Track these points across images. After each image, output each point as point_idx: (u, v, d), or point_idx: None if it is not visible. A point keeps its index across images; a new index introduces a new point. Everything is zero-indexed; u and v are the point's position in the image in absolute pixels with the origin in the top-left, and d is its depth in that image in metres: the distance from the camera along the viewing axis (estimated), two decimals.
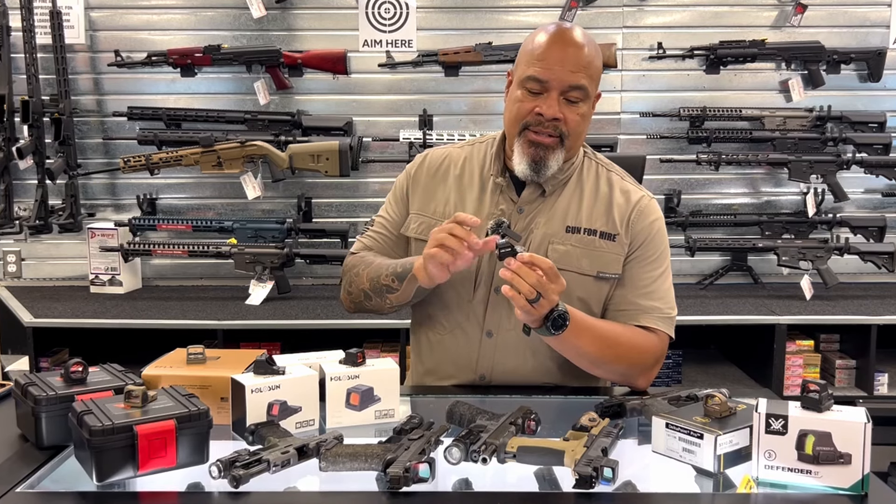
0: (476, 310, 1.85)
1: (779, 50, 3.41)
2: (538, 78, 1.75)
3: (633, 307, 1.83)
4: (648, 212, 1.87)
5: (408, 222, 1.93)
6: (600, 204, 1.86)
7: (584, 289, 1.82)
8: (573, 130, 1.77)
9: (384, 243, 1.96)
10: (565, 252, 1.81)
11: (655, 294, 1.84)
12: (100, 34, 3.46)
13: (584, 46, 1.76)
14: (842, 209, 3.49)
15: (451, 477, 1.36)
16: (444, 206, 1.90)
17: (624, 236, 1.84)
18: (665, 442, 1.41)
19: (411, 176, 1.97)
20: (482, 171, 1.91)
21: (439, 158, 1.96)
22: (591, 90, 1.78)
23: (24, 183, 3.46)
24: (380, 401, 1.60)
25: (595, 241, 1.83)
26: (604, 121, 3.50)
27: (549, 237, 1.83)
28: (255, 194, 3.37)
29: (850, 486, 1.29)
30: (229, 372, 1.55)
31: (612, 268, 1.83)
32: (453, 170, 1.93)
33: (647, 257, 1.85)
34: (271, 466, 1.30)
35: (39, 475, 1.39)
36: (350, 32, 3.42)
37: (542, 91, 1.75)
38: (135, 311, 3.09)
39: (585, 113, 1.78)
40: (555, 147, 1.78)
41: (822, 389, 1.31)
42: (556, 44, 1.75)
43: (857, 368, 3.16)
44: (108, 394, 1.47)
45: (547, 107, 1.74)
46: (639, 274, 1.84)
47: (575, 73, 1.74)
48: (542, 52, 1.75)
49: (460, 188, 1.91)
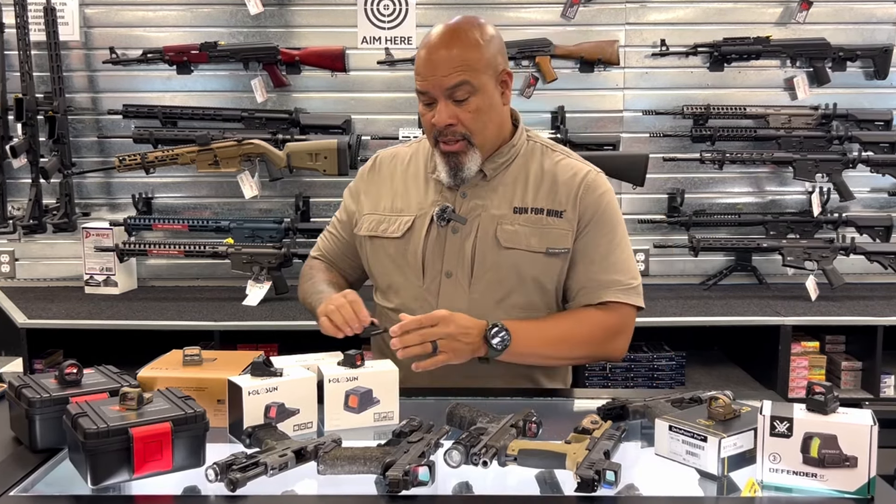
0: (428, 295, 1.89)
1: (784, 47, 3.39)
2: (421, 91, 1.82)
3: (594, 283, 1.88)
4: (595, 186, 1.90)
5: (360, 223, 2.01)
6: (546, 183, 1.90)
7: (536, 267, 1.86)
8: (473, 127, 1.81)
9: (336, 245, 2.10)
10: (514, 232, 1.86)
11: (614, 267, 1.88)
12: (94, 31, 3.45)
13: (456, 43, 1.80)
14: (847, 208, 3.47)
15: (452, 480, 1.36)
16: (392, 202, 1.97)
17: (571, 212, 1.88)
18: (668, 445, 1.40)
19: (364, 178, 2.07)
20: (425, 165, 1.98)
21: (389, 158, 2.06)
22: (480, 80, 1.80)
23: (17, 182, 3.45)
24: (379, 403, 1.60)
25: (542, 219, 1.87)
26: (606, 119, 3.49)
27: (497, 219, 1.87)
28: (253, 193, 3.35)
29: (856, 489, 1.28)
30: (226, 374, 1.56)
31: (561, 243, 1.87)
32: (400, 167, 2.02)
33: (600, 231, 1.89)
34: (269, 470, 1.29)
35: (33, 478, 1.38)
36: (349, 29, 3.40)
37: (431, 101, 1.82)
38: (130, 312, 3.07)
39: (481, 106, 1.81)
40: (465, 150, 1.83)
41: (827, 391, 1.31)
42: (427, 53, 1.81)
43: (864, 370, 3.14)
44: (102, 396, 1.47)
45: (437, 116, 1.80)
46: (594, 249, 1.88)
47: (448, 76, 1.77)
48: (418, 64, 1.82)
49: (406, 183, 1.98)
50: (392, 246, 1.93)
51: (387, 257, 1.94)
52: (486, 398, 1.79)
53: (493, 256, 1.86)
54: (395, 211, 1.95)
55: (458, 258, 1.88)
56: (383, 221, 1.95)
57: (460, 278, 1.87)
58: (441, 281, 1.88)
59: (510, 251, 1.86)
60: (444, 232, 1.89)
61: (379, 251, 1.96)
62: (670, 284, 3.50)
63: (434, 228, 1.89)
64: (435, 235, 1.89)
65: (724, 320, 3.04)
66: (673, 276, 3.56)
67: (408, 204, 1.95)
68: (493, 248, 1.86)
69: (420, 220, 1.91)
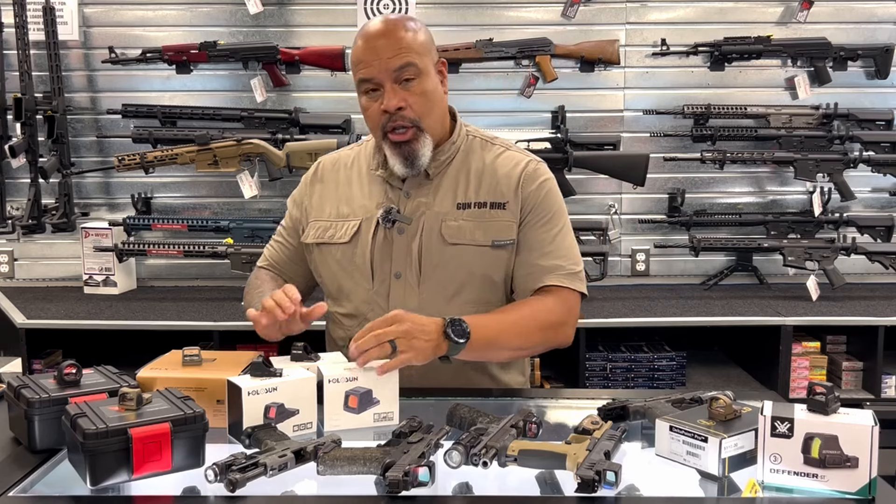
0: (378, 298, 1.89)
1: (784, 46, 3.38)
2: (366, 78, 1.81)
3: (536, 269, 1.87)
4: (536, 175, 1.91)
5: (307, 231, 1.99)
6: (487, 176, 1.90)
7: (483, 261, 1.87)
8: (421, 110, 1.82)
9: (283, 253, 2.07)
10: (458, 227, 1.86)
11: (556, 253, 1.88)
12: (94, 30, 3.44)
13: (395, 30, 1.81)
14: (848, 208, 3.46)
15: (452, 481, 1.35)
16: (337, 207, 1.96)
17: (514, 202, 1.88)
18: (669, 445, 1.40)
19: (307, 185, 2.04)
20: (365, 165, 1.98)
21: (331, 164, 2.04)
22: (424, 63, 1.81)
23: (16, 182, 3.44)
24: (378, 403, 1.60)
25: (486, 212, 1.88)
26: (606, 118, 3.49)
27: (441, 216, 1.87)
28: (252, 193, 3.34)
29: (857, 490, 1.27)
30: (225, 374, 1.55)
31: (506, 234, 1.87)
32: (344, 171, 2.00)
33: (541, 218, 1.89)
34: (268, 470, 1.29)
35: (32, 479, 1.38)
36: (348, 28, 3.37)
37: (377, 88, 1.81)
38: (129, 312, 3.06)
39: (427, 89, 1.82)
40: (417, 137, 1.83)
41: (828, 392, 1.30)
42: (367, 41, 1.81)
43: (865, 370, 3.13)
44: (102, 396, 1.46)
45: (387, 100, 1.79)
46: (536, 236, 1.89)
47: (395, 57, 1.78)
48: (359, 54, 1.82)
49: (350, 186, 1.98)
50: (339, 251, 1.92)
51: (335, 263, 1.93)
52: (486, 398, 1.79)
53: (439, 254, 1.86)
54: (340, 216, 1.94)
55: (406, 258, 1.87)
56: (330, 228, 1.94)
57: (409, 278, 1.87)
58: (391, 283, 1.87)
59: (456, 247, 1.85)
60: (391, 233, 1.88)
61: (327, 257, 1.95)
62: (671, 284, 3.49)
63: (380, 230, 1.88)
64: (382, 237, 1.88)
65: (725, 320, 3.03)
66: (673, 277, 3.56)
67: (352, 208, 1.93)
68: (438, 245, 1.86)
69: (366, 223, 1.90)
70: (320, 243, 1.95)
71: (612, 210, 3.47)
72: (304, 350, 1.67)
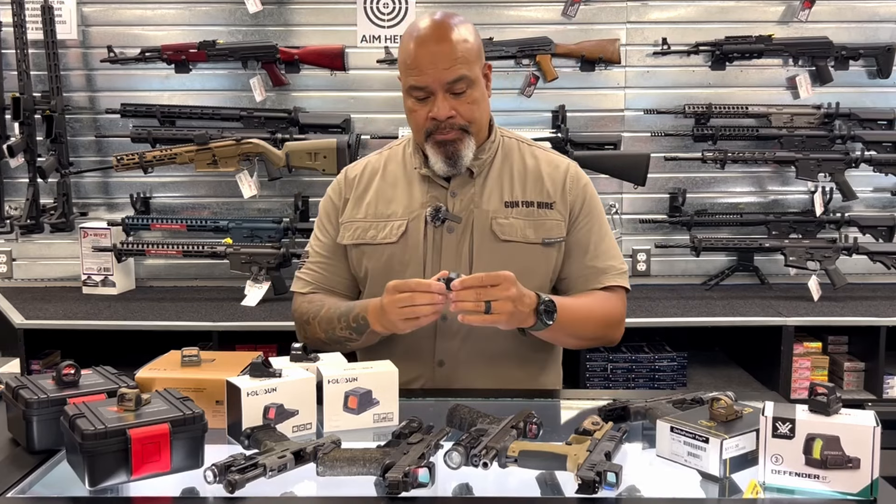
0: None
1: (786, 46, 3.37)
2: (417, 86, 1.81)
3: (591, 271, 1.93)
4: (579, 177, 1.97)
5: (341, 233, 1.98)
6: (531, 177, 1.94)
7: (532, 258, 1.89)
8: (471, 118, 1.84)
9: (326, 271, 2.01)
10: (509, 225, 1.89)
11: (607, 253, 1.95)
12: (92, 30, 3.43)
13: (450, 38, 1.80)
14: (850, 208, 3.45)
15: (452, 482, 1.36)
16: (375, 208, 1.95)
17: (560, 203, 1.93)
18: (670, 446, 1.40)
19: (338, 192, 2.02)
20: (405, 167, 1.97)
21: (359, 170, 2.03)
22: (474, 73, 1.83)
23: (14, 181, 3.43)
24: (378, 404, 1.60)
25: (535, 211, 1.91)
26: (607, 118, 3.48)
27: (490, 214, 1.89)
28: (251, 193, 3.33)
29: (858, 491, 1.28)
30: (225, 375, 1.55)
31: (555, 233, 1.91)
32: (377, 175, 1.99)
33: (590, 220, 1.95)
34: (268, 471, 1.29)
35: (30, 480, 1.38)
36: (348, 28, 3.39)
37: (427, 96, 1.82)
38: (128, 313, 3.06)
39: (477, 97, 1.84)
40: (462, 137, 1.85)
41: (830, 392, 1.31)
42: (423, 46, 1.80)
43: (866, 371, 3.12)
44: (100, 397, 1.47)
45: (437, 110, 1.81)
46: (586, 238, 1.94)
47: (449, 69, 1.78)
48: (412, 59, 1.81)
49: (386, 187, 1.97)
50: (386, 251, 1.91)
51: (381, 263, 1.92)
52: (486, 399, 1.79)
53: (490, 251, 1.87)
54: (381, 216, 1.93)
55: (457, 256, 1.87)
56: (370, 228, 1.93)
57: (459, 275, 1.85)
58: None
59: (508, 244, 1.87)
60: (440, 232, 1.88)
61: (371, 258, 1.93)
62: (672, 285, 3.48)
63: (429, 229, 1.88)
64: (431, 236, 1.88)
65: (726, 321, 3.02)
66: (674, 277, 3.55)
67: (395, 208, 1.93)
68: (490, 242, 1.87)
69: (413, 223, 1.90)
70: (360, 244, 1.94)
71: (612, 210, 3.46)
72: (303, 350, 1.67)
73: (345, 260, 1.99)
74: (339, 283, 2.01)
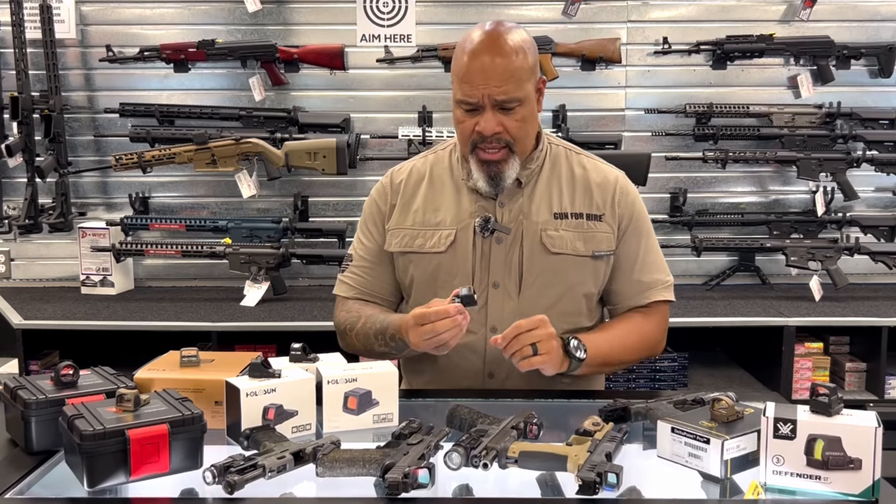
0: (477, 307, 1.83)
1: (787, 45, 3.36)
2: (468, 100, 1.78)
3: (638, 285, 1.93)
4: (628, 189, 1.95)
5: (388, 240, 1.95)
6: (580, 187, 1.92)
7: (583, 272, 1.88)
8: (517, 136, 1.81)
9: (370, 275, 1.98)
10: (559, 237, 1.87)
11: (654, 266, 1.95)
12: (91, 29, 3.42)
13: (505, 53, 1.76)
14: (852, 208, 3.45)
15: (452, 483, 1.36)
16: (423, 215, 1.93)
17: (610, 216, 1.90)
18: (670, 447, 1.40)
19: (384, 196, 1.99)
20: (452, 175, 1.94)
21: (405, 174, 1.99)
22: (525, 91, 1.79)
23: (13, 181, 3.43)
24: (378, 405, 1.60)
25: (584, 223, 1.89)
26: (608, 118, 3.47)
27: (540, 225, 1.87)
28: (251, 193, 3.32)
29: (860, 492, 1.28)
30: (224, 375, 1.55)
31: (605, 245, 1.90)
32: (423, 181, 1.96)
33: (638, 233, 1.93)
34: (267, 472, 1.29)
35: (29, 481, 1.38)
36: (348, 27, 3.38)
37: (476, 108, 1.79)
38: (127, 313, 3.05)
39: (526, 115, 1.81)
40: (506, 158, 1.82)
41: (831, 393, 1.31)
42: (477, 60, 1.76)
43: (868, 371, 3.11)
44: (99, 397, 1.47)
45: (484, 123, 1.78)
46: (635, 251, 1.92)
47: (501, 87, 1.75)
48: (465, 72, 1.78)
49: (434, 194, 1.94)
50: (435, 261, 1.89)
51: (429, 273, 1.90)
52: (486, 399, 1.79)
53: (540, 263, 1.86)
54: (428, 225, 1.91)
55: (505, 268, 1.86)
56: (417, 236, 1.91)
57: (508, 288, 1.86)
58: (489, 292, 1.87)
59: (558, 256, 1.86)
60: (489, 242, 1.87)
61: (418, 267, 1.91)
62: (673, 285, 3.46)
63: (478, 240, 1.87)
64: (480, 247, 1.87)
65: (727, 321, 3.01)
66: (675, 277, 3.40)
67: (443, 217, 1.90)
68: (540, 254, 1.86)
69: (462, 232, 1.88)
70: (407, 252, 1.92)
71: None
72: (302, 351, 1.66)
73: (390, 266, 1.97)
74: (382, 288, 1.99)
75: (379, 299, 1.99)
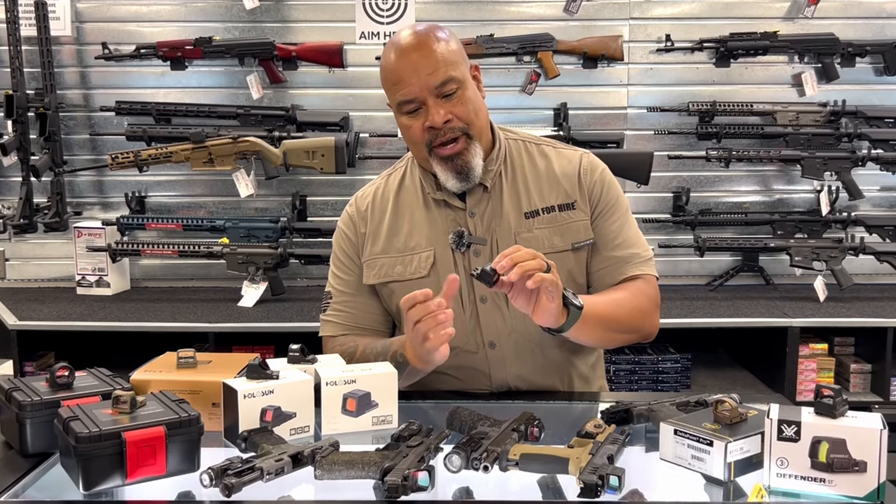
0: (470, 325, 1.83)
1: (791, 42, 3.35)
2: (407, 100, 1.76)
3: (613, 261, 1.86)
4: (594, 167, 1.90)
5: (366, 272, 1.90)
6: (546, 179, 1.87)
7: (565, 266, 1.83)
8: (468, 119, 1.77)
9: (355, 309, 1.92)
10: (533, 237, 1.82)
11: (628, 242, 1.87)
12: (86, 26, 3.41)
13: (428, 43, 1.75)
14: (857, 207, 3.44)
15: (452, 485, 1.35)
16: (396, 239, 1.88)
17: (581, 200, 1.86)
18: (673, 449, 1.39)
19: (352, 227, 1.94)
20: (416, 191, 1.90)
21: (369, 199, 1.95)
22: (461, 73, 1.76)
23: (8, 180, 3.43)
24: (377, 406, 1.59)
25: (557, 216, 1.85)
26: (610, 116, 3.46)
27: (513, 229, 1.83)
28: (248, 192, 3.31)
29: (865, 494, 1.27)
30: (221, 376, 1.55)
31: (584, 235, 1.85)
32: (390, 204, 1.92)
33: (607, 209, 1.87)
34: (265, 474, 1.29)
35: (24, 483, 1.39)
36: (346, 24, 3.37)
37: (418, 107, 1.76)
38: (123, 314, 3.04)
39: (470, 96, 1.77)
40: (467, 147, 1.77)
41: (836, 394, 1.30)
42: (402, 59, 1.75)
43: (873, 373, 3.11)
44: (95, 399, 1.47)
45: (432, 116, 1.74)
46: (606, 228, 1.87)
47: (434, 73, 1.73)
48: (394, 74, 1.76)
49: (403, 216, 1.89)
50: (418, 286, 1.77)
51: None
52: (486, 401, 1.79)
53: None
54: (405, 250, 1.86)
55: None
56: (396, 264, 1.86)
57: (496, 300, 1.82)
58: (478, 307, 1.83)
59: None
60: (468, 256, 1.83)
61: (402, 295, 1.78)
62: (675, 285, 3.46)
63: (458, 256, 1.83)
64: (461, 263, 1.83)
65: (731, 322, 3.00)
66: (678, 277, 3.52)
67: (418, 239, 1.86)
68: None
69: (441, 251, 1.83)
70: (388, 282, 1.86)
71: None
72: (301, 352, 1.65)
73: (374, 295, 1.92)
74: (371, 319, 1.92)
75: (369, 331, 1.92)
